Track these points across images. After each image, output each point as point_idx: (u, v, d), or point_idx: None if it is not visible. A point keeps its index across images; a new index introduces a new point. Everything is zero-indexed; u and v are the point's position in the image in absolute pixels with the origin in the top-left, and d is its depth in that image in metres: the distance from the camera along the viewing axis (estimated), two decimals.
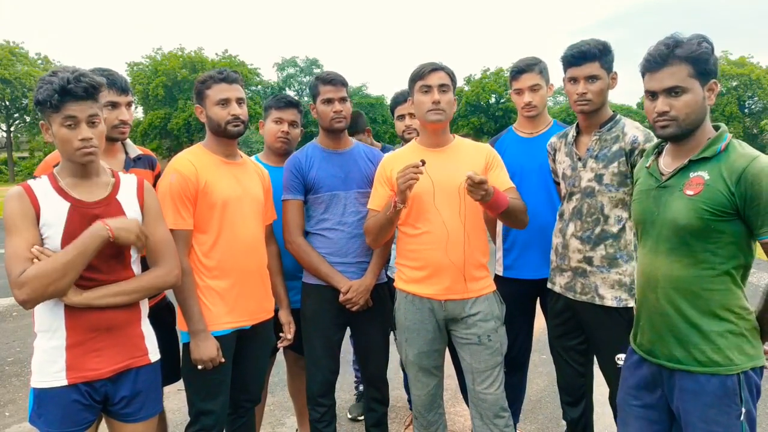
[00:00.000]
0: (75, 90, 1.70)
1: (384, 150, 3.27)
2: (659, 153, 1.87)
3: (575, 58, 2.26)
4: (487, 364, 2.28)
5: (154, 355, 1.97)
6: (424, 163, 2.09)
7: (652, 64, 1.70)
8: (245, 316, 2.29)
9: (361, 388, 3.64)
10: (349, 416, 3.58)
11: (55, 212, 1.74)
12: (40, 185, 1.78)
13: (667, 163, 1.81)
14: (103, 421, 1.97)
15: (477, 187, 2.04)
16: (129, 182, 1.94)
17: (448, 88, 2.28)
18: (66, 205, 1.76)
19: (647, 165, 1.86)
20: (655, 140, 1.97)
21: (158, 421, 2.53)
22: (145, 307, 1.96)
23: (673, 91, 1.68)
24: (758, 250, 1.76)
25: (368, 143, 3.43)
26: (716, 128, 1.76)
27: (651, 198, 1.79)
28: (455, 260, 2.25)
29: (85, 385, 1.79)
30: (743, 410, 1.65)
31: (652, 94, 1.73)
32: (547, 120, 2.81)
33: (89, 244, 1.72)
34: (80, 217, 1.76)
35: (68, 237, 1.74)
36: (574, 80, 2.29)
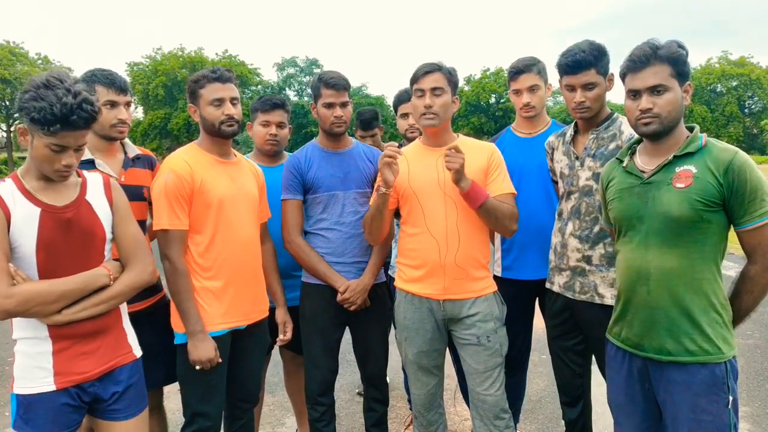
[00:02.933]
0: (77, 122, 1.62)
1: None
2: (632, 154, 1.94)
3: (570, 67, 2.23)
4: (486, 365, 2.28)
5: (138, 351, 1.98)
6: (401, 145, 2.15)
7: (637, 64, 1.78)
8: (240, 317, 2.28)
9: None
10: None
11: (25, 219, 1.68)
12: (6, 189, 1.70)
13: (645, 162, 1.87)
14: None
15: (454, 156, 2.10)
16: (95, 181, 1.89)
17: (443, 90, 2.26)
18: (37, 211, 1.70)
19: (624, 165, 1.92)
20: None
21: (158, 422, 2.53)
22: (123, 305, 1.95)
23: (656, 90, 1.76)
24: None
25: (379, 142, 3.49)
26: (690, 129, 1.85)
27: (635, 194, 1.84)
28: (454, 260, 2.25)
29: (74, 388, 1.78)
30: (731, 398, 1.72)
31: (634, 93, 1.80)
32: (545, 120, 2.81)
33: (90, 284, 1.76)
34: (53, 222, 1.72)
35: (42, 244, 1.70)
36: (570, 88, 2.28)
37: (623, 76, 1.84)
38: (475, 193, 2.15)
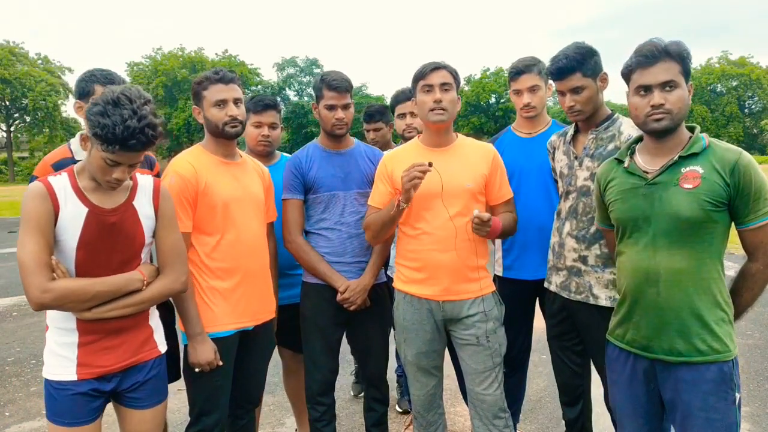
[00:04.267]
0: (135, 146, 1.66)
1: None
2: (632, 154, 1.93)
3: (554, 74, 2.27)
4: (485, 365, 2.28)
5: (163, 346, 2.02)
6: (431, 165, 2.09)
7: (649, 59, 1.76)
8: (248, 317, 2.29)
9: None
10: (399, 409, 3.59)
11: (72, 216, 1.74)
12: (60, 184, 1.76)
13: (647, 162, 1.86)
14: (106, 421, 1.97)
15: (483, 225, 2.11)
16: (145, 186, 1.93)
17: (451, 87, 2.28)
18: (84, 210, 1.76)
19: (625, 165, 1.91)
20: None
21: None
22: None
23: (667, 86, 1.75)
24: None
25: (386, 138, 3.44)
26: (690, 129, 1.85)
27: (640, 195, 1.83)
28: (453, 261, 2.24)
29: (95, 380, 1.83)
30: (737, 396, 1.73)
31: (645, 89, 1.78)
32: (546, 120, 2.81)
33: (123, 287, 1.81)
34: (97, 223, 1.77)
35: (84, 244, 1.75)
36: (561, 93, 2.31)
37: (629, 73, 1.82)
38: (494, 231, 2.22)
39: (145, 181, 1.93)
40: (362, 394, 3.34)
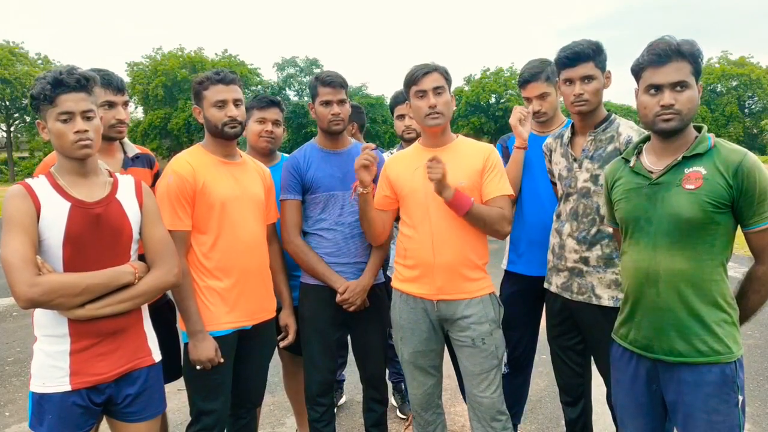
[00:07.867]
0: (68, 81, 1.71)
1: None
2: (638, 153, 1.91)
3: (569, 59, 2.24)
4: (482, 368, 2.26)
5: (157, 355, 1.98)
6: (375, 147, 2.25)
7: (662, 57, 1.74)
8: (246, 316, 2.30)
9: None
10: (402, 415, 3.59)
11: (55, 212, 1.72)
12: (39, 184, 1.75)
13: (652, 162, 1.85)
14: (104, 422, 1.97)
15: (434, 166, 2.09)
16: (127, 182, 1.93)
17: (443, 89, 2.27)
18: (67, 205, 1.74)
19: (631, 165, 1.90)
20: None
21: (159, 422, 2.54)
22: (145, 307, 1.96)
23: (678, 86, 1.73)
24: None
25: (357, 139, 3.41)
26: (697, 128, 1.83)
27: (643, 195, 1.82)
28: (447, 260, 2.24)
29: (88, 389, 1.78)
30: (740, 398, 1.72)
31: (656, 88, 1.76)
32: (560, 120, 2.77)
33: (115, 280, 1.76)
34: (82, 216, 1.74)
35: (69, 237, 1.72)
36: (569, 81, 2.28)
37: (640, 71, 1.80)
38: (459, 202, 2.15)
39: (125, 178, 1.94)
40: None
